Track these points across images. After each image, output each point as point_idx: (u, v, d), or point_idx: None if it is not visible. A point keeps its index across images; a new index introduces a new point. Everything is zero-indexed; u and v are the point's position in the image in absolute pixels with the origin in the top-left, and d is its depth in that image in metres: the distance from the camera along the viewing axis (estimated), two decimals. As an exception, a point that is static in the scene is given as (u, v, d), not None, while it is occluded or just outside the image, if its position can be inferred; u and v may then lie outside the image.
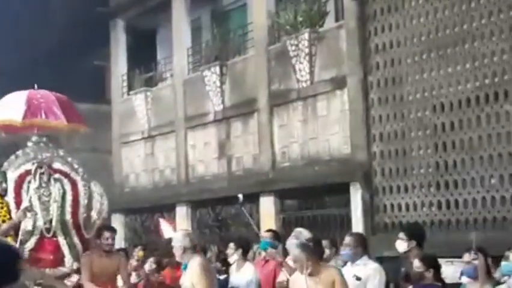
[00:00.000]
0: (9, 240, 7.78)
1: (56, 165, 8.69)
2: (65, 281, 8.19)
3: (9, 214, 8.23)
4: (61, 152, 8.90)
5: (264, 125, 14.95)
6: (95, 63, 21.26)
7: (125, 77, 19.64)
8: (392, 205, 12.13)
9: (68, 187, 8.64)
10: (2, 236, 7.81)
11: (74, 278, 8.23)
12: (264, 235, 8.82)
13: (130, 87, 19.23)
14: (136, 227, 18.98)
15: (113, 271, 8.39)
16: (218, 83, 16.04)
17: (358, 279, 6.80)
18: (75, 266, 8.31)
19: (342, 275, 6.09)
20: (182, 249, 6.62)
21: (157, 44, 20.04)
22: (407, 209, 11.87)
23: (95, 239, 8.40)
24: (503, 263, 7.30)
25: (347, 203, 12.79)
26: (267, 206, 14.50)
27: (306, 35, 13.80)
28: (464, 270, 7.24)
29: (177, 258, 6.91)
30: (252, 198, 14.33)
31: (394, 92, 12.19)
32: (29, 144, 8.84)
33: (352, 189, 12.66)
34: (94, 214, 8.81)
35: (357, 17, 12.81)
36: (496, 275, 6.97)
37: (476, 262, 6.53)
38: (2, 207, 8.28)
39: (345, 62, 13.15)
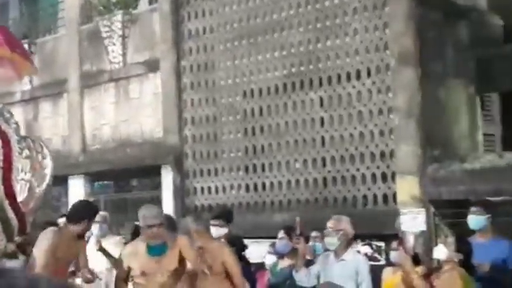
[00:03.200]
0: None
1: None
2: None
3: None
4: None
5: (74, 106, 14.68)
6: None
7: None
8: (202, 188, 12.40)
9: None
10: None
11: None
12: None
13: None
14: None
15: (75, 256, 7.19)
16: (26, 62, 15.50)
17: None
18: (9, 248, 6.66)
19: (229, 249, 6.65)
20: None
21: (-41, 18, 18.99)
22: (217, 191, 12.18)
23: (75, 222, 6.83)
24: (310, 243, 7.80)
25: (158, 186, 12.90)
26: (76, 188, 14.26)
27: (120, 17, 13.70)
28: (278, 247, 7.66)
29: None
30: (60, 181, 14.05)
31: (206, 77, 12.43)
32: None
33: (163, 172, 12.78)
34: (33, 180, 7.13)
35: (171, 1, 12.90)
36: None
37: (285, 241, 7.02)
38: None
39: (158, 46, 13.21)
